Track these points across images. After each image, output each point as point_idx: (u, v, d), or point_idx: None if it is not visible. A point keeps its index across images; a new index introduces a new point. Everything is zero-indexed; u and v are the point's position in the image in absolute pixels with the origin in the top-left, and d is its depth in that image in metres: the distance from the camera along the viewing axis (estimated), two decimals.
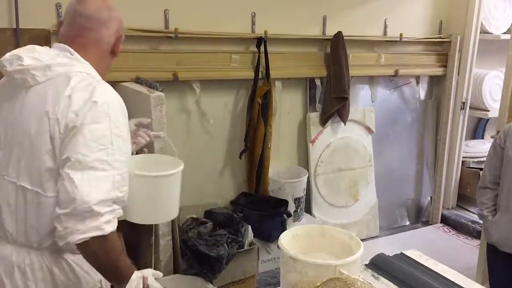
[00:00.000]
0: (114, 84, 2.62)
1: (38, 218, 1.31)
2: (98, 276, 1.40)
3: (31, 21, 2.44)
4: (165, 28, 2.79)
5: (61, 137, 1.26)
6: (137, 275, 1.27)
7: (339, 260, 1.21)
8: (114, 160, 1.25)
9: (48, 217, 1.29)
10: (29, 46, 1.38)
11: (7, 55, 1.33)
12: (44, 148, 1.27)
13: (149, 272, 1.33)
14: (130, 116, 2.45)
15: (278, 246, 1.31)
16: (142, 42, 2.75)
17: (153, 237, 2.35)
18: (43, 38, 2.47)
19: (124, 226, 2.35)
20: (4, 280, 1.36)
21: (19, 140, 1.31)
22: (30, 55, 1.32)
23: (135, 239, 2.52)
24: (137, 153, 1.74)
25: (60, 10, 2.48)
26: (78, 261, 1.39)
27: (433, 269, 1.62)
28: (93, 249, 1.22)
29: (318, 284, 1.16)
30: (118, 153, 1.27)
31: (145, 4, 2.72)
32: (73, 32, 1.40)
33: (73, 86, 1.29)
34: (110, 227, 1.22)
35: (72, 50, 1.38)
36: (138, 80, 2.59)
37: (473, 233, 3.87)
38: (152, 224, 2.24)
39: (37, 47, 1.37)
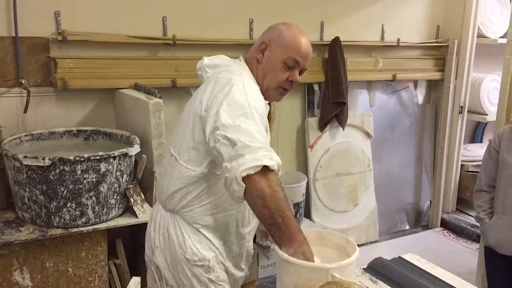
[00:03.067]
0: (113, 90, 2.67)
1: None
2: (209, 253, 1.55)
3: (30, 29, 2.45)
4: (164, 35, 2.80)
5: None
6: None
7: (332, 264, 1.21)
8: None
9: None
10: None
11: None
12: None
13: None
14: (129, 122, 2.48)
15: (273, 249, 1.32)
16: (140, 49, 2.76)
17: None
18: (42, 46, 2.49)
19: (124, 231, 2.38)
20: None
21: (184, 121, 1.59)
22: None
23: (134, 246, 2.53)
24: None
25: (59, 18, 2.49)
26: (189, 230, 1.55)
27: (431, 272, 1.62)
28: (257, 183, 1.28)
29: None
30: None
31: (143, 12, 2.73)
32: None
33: None
34: (269, 162, 1.29)
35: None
36: (136, 87, 2.60)
37: (473, 237, 3.87)
38: None
39: None
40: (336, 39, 3.33)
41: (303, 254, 1.26)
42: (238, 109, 1.38)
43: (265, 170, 1.29)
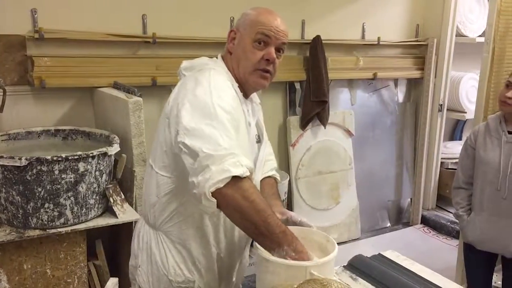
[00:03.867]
0: (91, 89, 2.63)
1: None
2: (194, 275, 1.48)
3: (6, 27, 2.41)
4: (143, 33, 2.78)
5: None
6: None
7: (310, 262, 1.21)
8: None
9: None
10: None
11: None
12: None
13: None
14: (108, 121, 2.45)
15: (253, 246, 1.31)
16: (120, 47, 2.73)
17: None
18: (19, 44, 2.44)
19: (104, 232, 2.35)
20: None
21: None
22: None
23: (114, 247, 2.50)
24: None
25: (36, 16, 2.45)
26: (173, 249, 1.47)
27: (410, 269, 1.63)
28: (229, 197, 1.21)
29: (295, 286, 1.16)
30: None
31: (122, 10, 2.70)
32: None
33: None
34: (238, 170, 1.21)
35: None
36: (116, 86, 2.57)
37: (453, 233, 3.93)
38: (132, 231, 2.22)
39: None
40: (317, 38, 3.34)
41: (296, 252, 1.23)
42: (201, 110, 1.29)
43: (236, 179, 1.21)
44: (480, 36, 4.03)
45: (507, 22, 2.79)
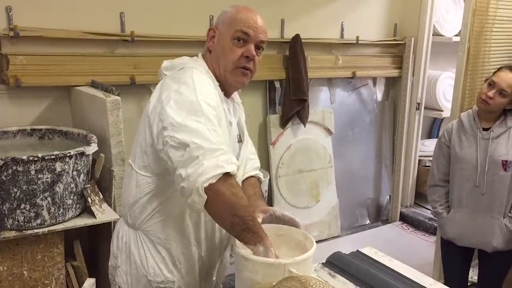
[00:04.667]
0: (69, 88, 2.59)
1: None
2: (173, 275, 1.47)
3: None
4: (121, 32, 2.75)
5: None
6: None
7: (289, 259, 1.22)
8: None
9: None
10: None
11: None
12: None
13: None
14: (86, 121, 2.42)
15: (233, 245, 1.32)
16: (97, 45, 2.70)
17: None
18: None
19: (82, 232, 2.32)
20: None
21: None
22: None
23: (93, 247, 2.48)
24: None
25: (11, 13, 2.40)
26: (152, 249, 1.46)
27: (387, 265, 1.65)
28: (221, 193, 1.23)
29: (274, 284, 1.17)
30: None
31: (100, 7, 2.67)
32: None
33: None
34: (230, 167, 1.24)
35: None
36: (93, 84, 2.54)
37: (430, 230, 3.99)
38: (111, 232, 2.20)
39: None
40: (297, 37, 3.35)
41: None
42: (187, 107, 1.29)
43: (226, 176, 1.23)
44: (456, 35, 4.10)
45: (482, 22, 2.85)
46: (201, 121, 1.27)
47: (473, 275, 2.79)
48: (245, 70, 1.47)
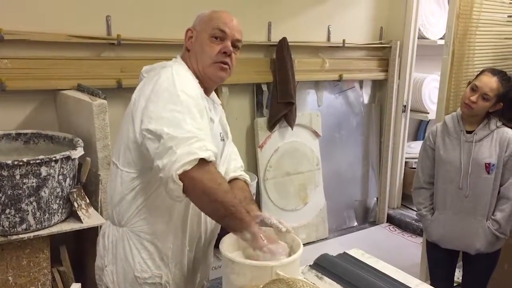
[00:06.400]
0: (54, 92, 2.58)
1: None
2: (161, 270, 1.48)
3: None
4: (108, 35, 2.74)
5: None
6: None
7: (275, 262, 1.23)
8: None
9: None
10: None
11: None
12: None
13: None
14: (72, 124, 2.40)
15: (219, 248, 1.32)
16: (83, 49, 2.68)
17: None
18: None
19: (69, 237, 2.30)
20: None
21: None
22: None
23: (80, 252, 2.45)
24: None
25: None
26: (139, 245, 1.47)
27: (374, 266, 1.67)
28: (197, 180, 1.24)
29: (261, 286, 1.17)
30: None
31: (86, 11, 2.66)
32: None
33: None
34: (205, 154, 1.26)
35: None
36: (79, 88, 2.53)
37: (417, 231, 4.02)
38: (98, 233, 2.19)
39: None
40: (284, 40, 3.37)
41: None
42: (164, 97, 1.33)
43: (202, 162, 1.25)
44: (441, 38, 4.15)
45: (466, 25, 2.89)
46: (178, 110, 1.30)
47: (459, 276, 2.81)
48: (223, 64, 1.51)
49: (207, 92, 1.55)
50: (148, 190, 1.44)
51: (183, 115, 1.29)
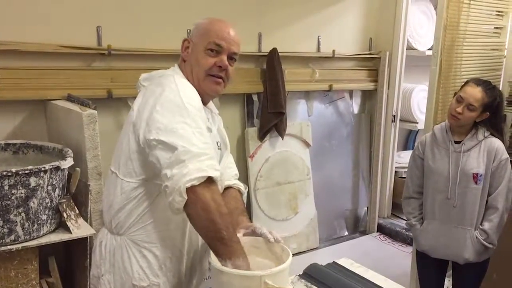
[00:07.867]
0: (44, 102, 2.57)
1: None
2: (158, 278, 1.48)
3: None
4: (98, 45, 2.74)
5: None
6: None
7: (264, 271, 1.23)
8: None
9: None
10: None
11: None
12: None
13: None
14: (61, 135, 2.39)
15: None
16: (74, 59, 2.68)
17: (88, 260, 2.28)
18: None
19: (58, 248, 2.29)
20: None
21: None
22: None
23: (69, 263, 2.43)
24: None
25: None
26: (137, 253, 1.47)
27: (363, 275, 1.67)
28: (201, 196, 1.25)
29: None
30: None
31: (76, 21, 2.66)
32: None
33: None
34: (214, 173, 1.28)
35: None
36: (69, 98, 2.52)
37: (407, 240, 4.04)
38: (87, 247, 2.18)
39: None
40: (274, 50, 3.39)
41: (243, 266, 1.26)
42: (172, 109, 1.33)
43: (210, 181, 1.27)
44: (429, 49, 4.19)
45: (453, 36, 2.93)
46: (188, 123, 1.31)
47: (449, 285, 2.83)
48: (217, 78, 1.52)
49: (203, 102, 1.56)
50: (148, 199, 1.45)
51: (192, 129, 1.31)
